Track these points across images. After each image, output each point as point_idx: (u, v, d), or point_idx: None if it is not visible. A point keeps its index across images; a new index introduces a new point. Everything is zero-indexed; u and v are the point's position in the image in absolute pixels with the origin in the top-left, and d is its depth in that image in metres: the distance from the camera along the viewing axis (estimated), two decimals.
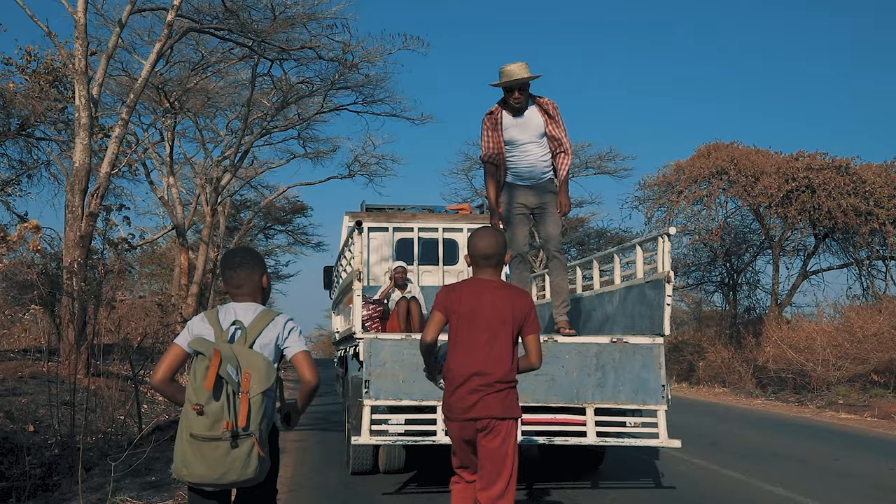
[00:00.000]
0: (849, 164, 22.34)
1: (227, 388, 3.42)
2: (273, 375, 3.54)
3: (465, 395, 4.17)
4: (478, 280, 4.39)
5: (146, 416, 11.47)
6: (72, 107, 15.88)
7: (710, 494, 7.19)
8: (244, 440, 3.42)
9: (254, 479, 3.48)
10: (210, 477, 3.45)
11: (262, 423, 3.49)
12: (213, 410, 3.40)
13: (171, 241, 34.17)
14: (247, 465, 3.44)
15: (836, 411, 14.70)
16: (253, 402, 3.45)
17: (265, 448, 3.50)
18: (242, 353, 3.55)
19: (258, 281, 3.93)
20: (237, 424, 3.41)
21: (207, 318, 3.76)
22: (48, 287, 12.33)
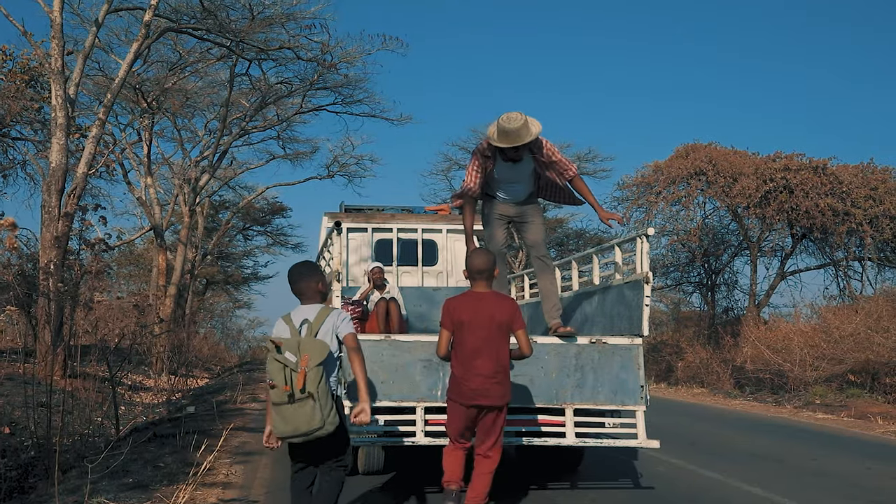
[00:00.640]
0: (826, 164, 22.54)
1: (285, 369, 4.75)
2: (326, 351, 4.84)
3: (471, 387, 5.48)
4: (473, 293, 5.70)
5: (123, 417, 11.38)
6: (48, 106, 15.77)
7: (688, 494, 7.22)
8: (304, 401, 4.73)
9: (322, 429, 4.78)
10: (288, 431, 4.81)
11: (318, 386, 4.74)
12: (279, 384, 4.77)
13: (148, 242, 33.97)
14: (312, 419, 4.75)
15: (812, 411, 14.81)
16: (309, 375, 4.73)
17: (326, 407, 4.78)
18: (304, 341, 4.88)
19: (315, 287, 5.19)
20: (294, 388, 4.72)
21: (284, 320, 5.10)
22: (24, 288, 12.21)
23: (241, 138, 28.55)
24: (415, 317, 10.08)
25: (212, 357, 31.87)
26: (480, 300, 5.61)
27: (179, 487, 6.69)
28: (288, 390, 4.72)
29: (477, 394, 5.46)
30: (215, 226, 37.97)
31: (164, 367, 18.41)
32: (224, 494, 7.05)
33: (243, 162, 33.18)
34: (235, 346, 44.37)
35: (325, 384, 4.82)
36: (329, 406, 4.81)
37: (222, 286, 45.63)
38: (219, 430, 9.74)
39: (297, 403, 4.73)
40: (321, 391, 4.76)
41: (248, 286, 47.53)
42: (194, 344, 25.89)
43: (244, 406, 14.58)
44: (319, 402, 4.75)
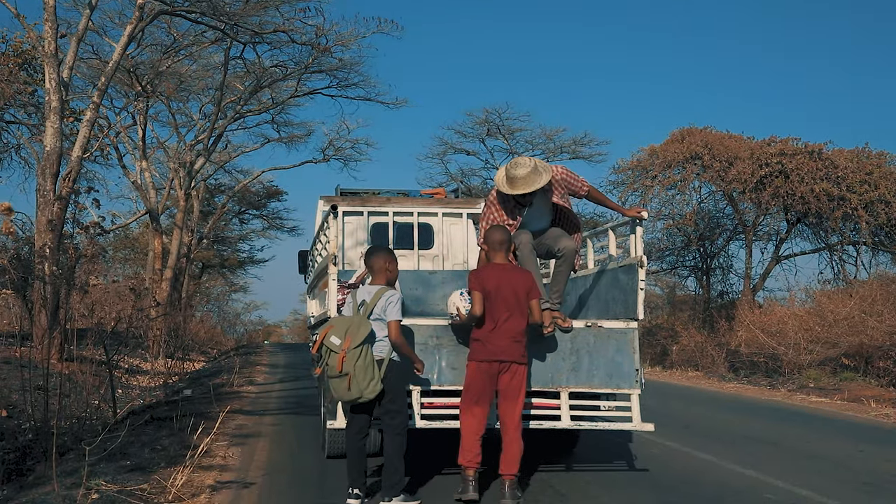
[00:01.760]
0: (821, 149, 22.54)
1: (330, 352, 5.82)
2: (368, 331, 5.81)
3: (498, 345, 6.06)
4: (495, 265, 6.30)
5: (120, 400, 11.42)
6: (42, 90, 15.71)
7: (683, 476, 7.27)
8: (343, 377, 5.76)
9: (360, 397, 5.80)
10: (335, 397, 6.01)
11: (355, 365, 5.72)
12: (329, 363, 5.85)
13: (144, 226, 33.89)
14: (350, 391, 5.77)
15: (806, 394, 14.89)
16: (347, 356, 5.73)
17: (364, 380, 5.75)
18: (354, 322, 5.87)
19: (383, 266, 6.15)
20: (333, 369, 5.79)
21: (352, 296, 6.16)
22: (20, 271, 12.20)
23: (236, 122, 28.46)
24: (411, 300, 10.09)
25: (208, 340, 31.89)
26: (504, 270, 6.24)
27: (177, 469, 6.72)
28: (319, 373, 6.00)
29: (501, 350, 6.06)
30: (211, 209, 37.90)
31: (161, 350, 18.44)
32: (221, 476, 7.08)
33: (238, 145, 33.12)
34: (232, 330, 44.39)
35: (364, 360, 5.76)
36: (368, 378, 5.77)
37: (218, 270, 45.62)
38: (216, 412, 9.77)
39: (338, 379, 5.79)
40: (358, 368, 5.73)
41: (245, 270, 47.55)
42: (191, 327, 25.91)
43: (241, 389, 14.62)
44: (357, 377, 5.73)
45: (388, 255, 6.27)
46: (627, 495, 6.42)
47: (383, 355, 5.93)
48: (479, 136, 34.85)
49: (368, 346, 5.83)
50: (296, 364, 21.74)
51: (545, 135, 34.68)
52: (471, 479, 5.97)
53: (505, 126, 34.13)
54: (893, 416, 11.75)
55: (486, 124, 34.16)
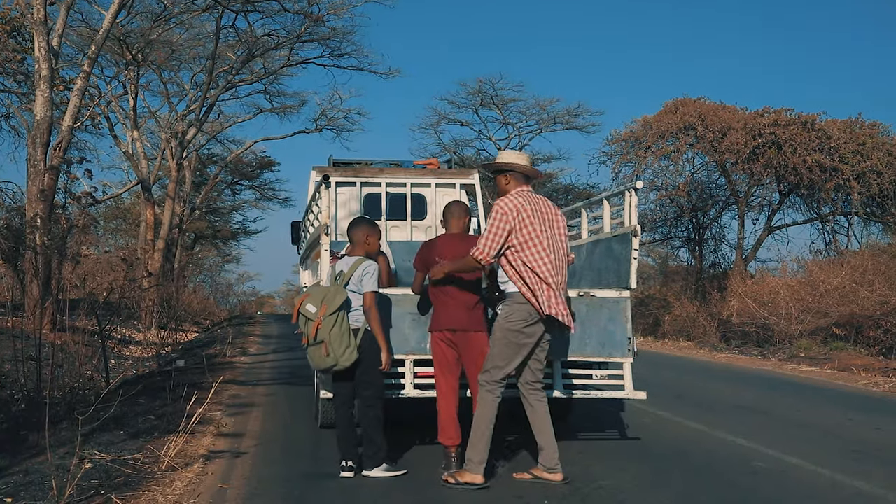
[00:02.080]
0: (814, 120, 22.53)
1: (307, 321, 5.87)
2: (343, 299, 5.83)
3: (450, 315, 5.97)
4: (446, 235, 6.30)
5: (113, 370, 11.41)
6: (31, 58, 15.54)
7: (674, 445, 7.32)
8: (318, 345, 5.83)
9: (336, 365, 5.84)
10: (312, 366, 6.12)
11: (330, 332, 5.77)
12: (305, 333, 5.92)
13: (136, 196, 33.77)
14: (325, 359, 5.83)
15: (797, 364, 14.98)
16: (323, 324, 5.78)
17: (340, 347, 5.80)
18: (330, 291, 5.89)
19: (362, 239, 6.13)
20: (311, 338, 5.84)
21: (332, 266, 6.23)
22: (11, 241, 12.16)
23: (228, 92, 28.28)
24: (403, 271, 10.07)
25: (201, 311, 31.89)
26: (454, 239, 6.21)
27: (170, 439, 6.74)
28: (306, 343, 5.89)
29: (455, 319, 5.97)
30: (203, 180, 37.77)
31: (154, 321, 18.42)
32: (214, 446, 7.10)
33: (230, 116, 32.97)
34: (224, 301, 44.37)
35: (340, 328, 5.79)
36: (344, 346, 5.81)
37: (211, 241, 45.52)
38: (209, 383, 9.78)
39: (314, 346, 5.86)
40: (334, 335, 5.78)
41: (237, 241, 47.47)
42: (183, 298, 25.89)
43: (234, 360, 14.65)
44: (332, 345, 5.78)
45: (370, 227, 6.19)
46: (619, 464, 6.46)
47: (359, 325, 5.93)
48: (473, 107, 34.75)
49: (344, 314, 5.83)
50: (289, 335, 21.76)
51: (539, 105, 34.65)
52: (453, 457, 5.90)
53: (499, 96, 34.03)
54: (883, 384, 11.83)
55: (479, 94, 34.05)
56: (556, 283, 5.64)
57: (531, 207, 5.68)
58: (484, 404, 5.74)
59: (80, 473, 5.39)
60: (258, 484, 5.84)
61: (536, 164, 36.62)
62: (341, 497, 5.48)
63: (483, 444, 5.68)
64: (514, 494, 5.53)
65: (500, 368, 5.69)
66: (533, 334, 5.65)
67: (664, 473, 6.16)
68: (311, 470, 6.30)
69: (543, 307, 5.55)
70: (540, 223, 5.67)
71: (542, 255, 5.61)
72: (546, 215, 5.76)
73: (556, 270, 5.65)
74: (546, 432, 5.89)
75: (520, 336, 5.62)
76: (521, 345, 5.65)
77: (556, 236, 5.76)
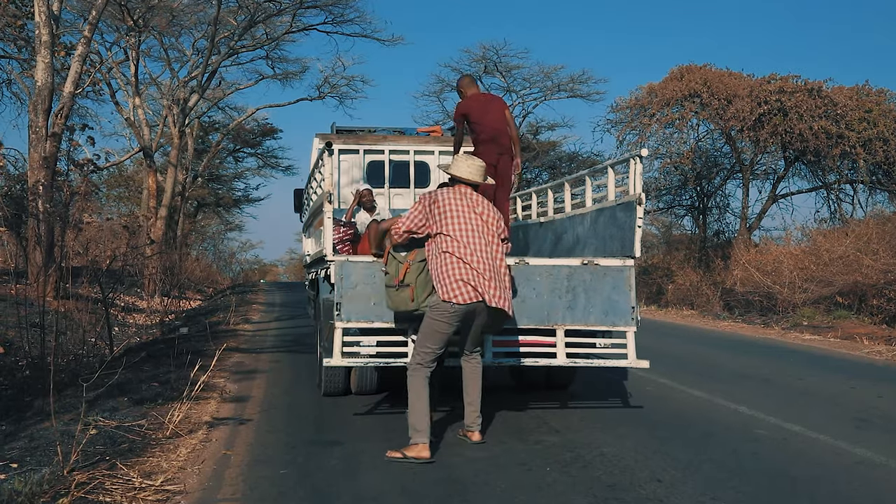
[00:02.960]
0: (821, 86, 22.36)
1: (397, 263, 6.11)
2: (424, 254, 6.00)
3: None
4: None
5: (117, 338, 11.46)
6: (32, 23, 15.42)
7: (677, 413, 7.33)
8: (405, 288, 6.05)
9: (418, 309, 6.00)
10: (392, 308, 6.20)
11: (417, 278, 6.00)
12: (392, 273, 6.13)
13: (138, 163, 33.69)
14: (409, 302, 6.05)
15: (800, 332, 14.98)
16: (412, 267, 6.02)
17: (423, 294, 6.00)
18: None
19: None
20: (400, 280, 6.04)
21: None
22: (13, 209, 12.14)
23: (230, 58, 28.10)
24: None
25: (204, 279, 31.95)
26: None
27: (174, 406, 6.77)
28: (397, 283, 6.05)
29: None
30: (205, 147, 37.65)
31: (157, 288, 18.46)
32: (218, 412, 7.13)
33: (232, 82, 32.76)
34: (228, 269, 44.41)
35: (426, 276, 5.96)
36: (427, 292, 5.97)
37: (213, 208, 45.49)
38: (212, 350, 9.82)
39: (400, 289, 6.05)
40: (420, 281, 6.00)
41: (240, 209, 47.43)
42: (186, 266, 25.94)
43: (237, 327, 14.69)
44: (417, 290, 6.00)
45: None
46: (621, 431, 6.48)
47: None
48: (477, 74, 34.47)
49: (426, 265, 6.01)
50: (292, 303, 21.81)
51: (543, 72, 34.35)
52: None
53: (502, 63, 33.77)
54: (886, 353, 11.84)
55: (483, 61, 33.80)
56: (483, 269, 5.78)
57: (456, 200, 5.95)
58: (415, 382, 5.77)
59: (84, 439, 5.42)
60: (262, 450, 5.87)
61: (540, 131, 36.48)
62: (343, 463, 5.51)
63: (424, 418, 5.70)
64: (517, 461, 5.55)
65: (430, 352, 5.79)
66: (458, 322, 5.77)
67: (666, 441, 6.18)
68: (314, 437, 6.32)
69: (462, 296, 5.68)
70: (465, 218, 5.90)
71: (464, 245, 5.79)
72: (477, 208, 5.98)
73: (481, 257, 5.80)
74: (471, 394, 6.09)
75: (444, 326, 5.75)
76: (445, 334, 5.78)
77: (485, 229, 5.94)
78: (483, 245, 5.85)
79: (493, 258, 5.87)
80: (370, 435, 6.34)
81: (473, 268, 5.74)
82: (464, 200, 5.97)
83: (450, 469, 5.39)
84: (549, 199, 9.37)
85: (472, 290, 5.69)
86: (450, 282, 5.70)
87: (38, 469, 5.05)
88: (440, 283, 5.74)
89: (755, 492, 4.91)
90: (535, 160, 35.90)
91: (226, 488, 4.98)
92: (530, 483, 5.07)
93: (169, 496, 4.81)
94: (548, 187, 9.51)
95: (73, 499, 4.55)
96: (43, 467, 5.09)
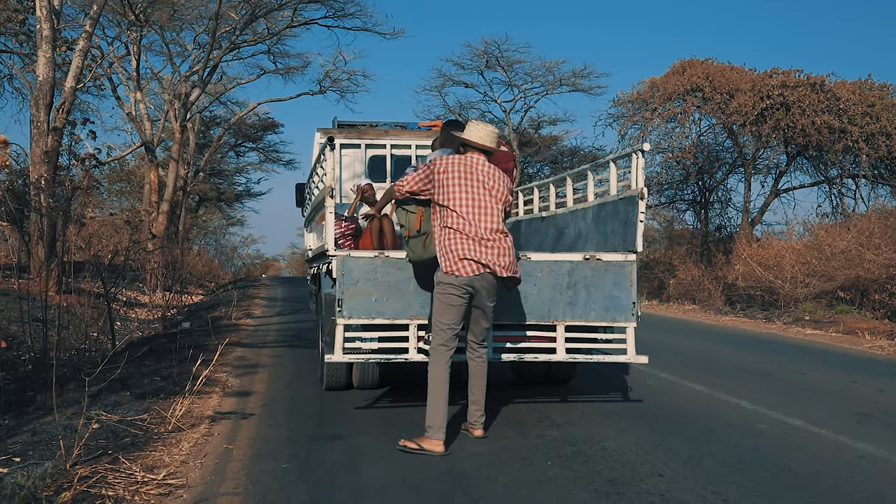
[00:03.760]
0: (824, 81, 22.32)
1: (409, 214, 6.14)
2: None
3: None
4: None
5: (119, 332, 11.48)
6: (33, 18, 15.41)
7: (677, 408, 7.34)
8: (420, 237, 6.07)
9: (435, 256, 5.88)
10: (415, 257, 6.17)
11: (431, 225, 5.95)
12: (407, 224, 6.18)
13: (139, 158, 33.69)
14: (426, 249, 6.03)
15: (802, 327, 14.98)
16: (425, 214, 6.02)
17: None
18: None
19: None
20: (415, 229, 6.07)
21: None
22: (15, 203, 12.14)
23: (231, 52, 28.09)
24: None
25: (206, 274, 31.97)
26: None
27: (176, 400, 6.78)
28: (416, 230, 6.06)
29: None
30: (207, 142, 37.65)
31: (159, 283, 18.46)
32: (220, 407, 7.15)
33: (234, 77, 32.78)
34: (229, 264, 44.51)
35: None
36: None
37: (215, 203, 45.50)
38: (214, 345, 9.83)
39: (416, 238, 6.09)
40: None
41: (242, 203, 47.43)
42: (188, 260, 25.94)
43: (239, 322, 14.70)
44: (431, 236, 5.98)
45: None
46: (622, 426, 6.49)
47: None
48: (478, 69, 34.46)
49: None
50: (294, 297, 21.83)
51: (545, 67, 34.29)
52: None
53: (504, 58, 33.71)
54: (888, 347, 11.84)
55: (484, 56, 33.74)
56: (489, 240, 5.75)
57: (462, 170, 5.85)
58: (435, 369, 5.80)
59: (87, 434, 5.44)
60: (264, 444, 5.88)
61: (542, 126, 36.46)
62: (345, 458, 5.52)
63: (442, 409, 5.72)
64: (519, 456, 5.56)
65: (447, 328, 5.79)
66: (466, 294, 5.76)
67: (668, 435, 6.19)
68: (316, 431, 6.33)
69: (465, 270, 5.69)
70: (468, 185, 5.82)
71: (468, 220, 5.74)
72: (481, 177, 5.87)
73: (485, 229, 5.76)
74: (476, 392, 6.11)
75: (453, 298, 5.74)
76: (456, 306, 5.76)
77: (488, 196, 5.84)
78: (487, 216, 5.78)
79: (496, 227, 5.81)
80: (371, 429, 6.35)
81: (477, 241, 5.72)
82: (470, 169, 5.86)
83: (451, 463, 5.40)
84: (550, 193, 9.37)
85: (476, 265, 5.69)
86: (453, 258, 5.70)
87: (41, 463, 5.07)
88: (443, 257, 5.75)
89: (756, 486, 4.91)
90: (536, 155, 35.87)
91: (228, 482, 4.99)
92: (532, 477, 5.08)
93: (171, 490, 4.83)
94: (549, 182, 9.51)
95: (75, 493, 4.56)
96: (45, 461, 5.11)
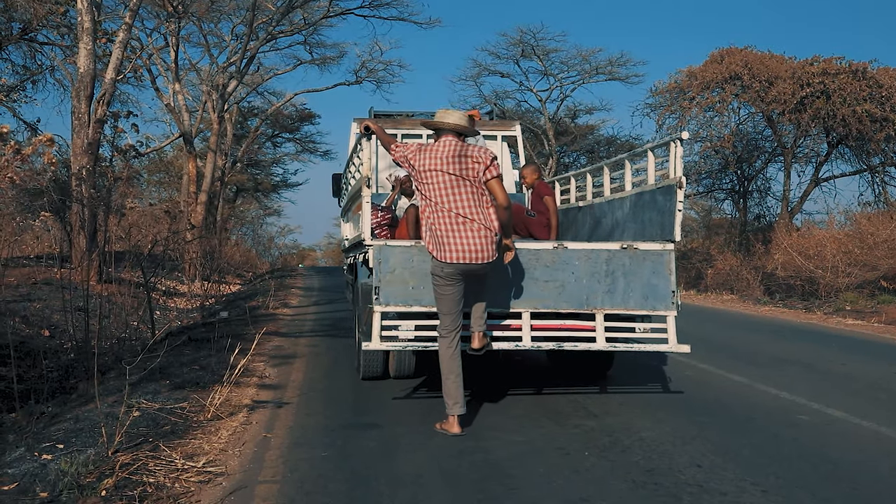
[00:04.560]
0: (866, 68, 21.91)
1: None
2: None
3: None
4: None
5: (158, 322, 11.61)
6: (74, 10, 15.61)
7: (716, 398, 7.27)
8: None
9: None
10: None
11: None
12: None
13: (178, 149, 34.02)
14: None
15: (843, 317, 14.77)
16: None
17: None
18: None
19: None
20: None
21: None
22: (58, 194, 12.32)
23: (268, 43, 28.23)
24: None
25: (243, 264, 32.24)
26: None
27: (215, 389, 6.84)
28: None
29: None
30: (244, 133, 37.91)
31: (197, 273, 18.67)
32: (258, 396, 7.21)
33: (270, 67, 32.96)
34: (266, 254, 44.75)
35: None
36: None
37: (252, 193, 45.82)
38: (252, 334, 9.91)
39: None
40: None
41: (279, 194, 47.71)
42: (226, 250, 26.19)
43: (276, 311, 14.80)
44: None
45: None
46: (660, 416, 6.44)
47: None
48: (514, 58, 34.31)
49: None
50: (330, 287, 21.94)
51: (581, 55, 34.07)
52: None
53: (540, 47, 33.52)
54: None
55: (520, 45, 33.58)
56: (454, 222, 5.75)
57: (434, 162, 5.81)
58: (440, 354, 5.99)
59: (128, 421, 5.51)
60: (301, 433, 5.92)
61: (578, 115, 36.24)
62: (382, 446, 5.54)
63: (451, 390, 5.88)
64: (555, 445, 5.54)
65: (445, 318, 5.92)
66: (457, 280, 5.81)
67: (706, 426, 6.13)
68: (352, 420, 6.36)
69: (446, 256, 5.73)
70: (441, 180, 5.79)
71: (444, 211, 5.76)
72: (450, 159, 5.82)
73: (452, 209, 5.75)
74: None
75: (445, 288, 5.84)
76: (449, 296, 5.86)
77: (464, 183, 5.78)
78: (457, 200, 5.78)
79: (466, 213, 5.76)
80: (408, 418, 6.37)
81: (448, 228, 5.75)
82: (442, 157, 5.82)
83: (487, 452, 5.40)
84: (587, 183, 9.31)
85: (449, 253, 5.73)
86: (438, 245, 5.78)
87: (84, 450, 5.15)
88: (428, 244, 5.86)
89: (796, 477, 4.86)
90: (572, 144, 35.66)
91: (266, 470, 5.03)
92: (568, 467, 5.06)
93: (211, 477, 4.88)
94: (586, 171, 9.45)
95: (117, 479, 4.63)
96: (88, 448, 5.19)
